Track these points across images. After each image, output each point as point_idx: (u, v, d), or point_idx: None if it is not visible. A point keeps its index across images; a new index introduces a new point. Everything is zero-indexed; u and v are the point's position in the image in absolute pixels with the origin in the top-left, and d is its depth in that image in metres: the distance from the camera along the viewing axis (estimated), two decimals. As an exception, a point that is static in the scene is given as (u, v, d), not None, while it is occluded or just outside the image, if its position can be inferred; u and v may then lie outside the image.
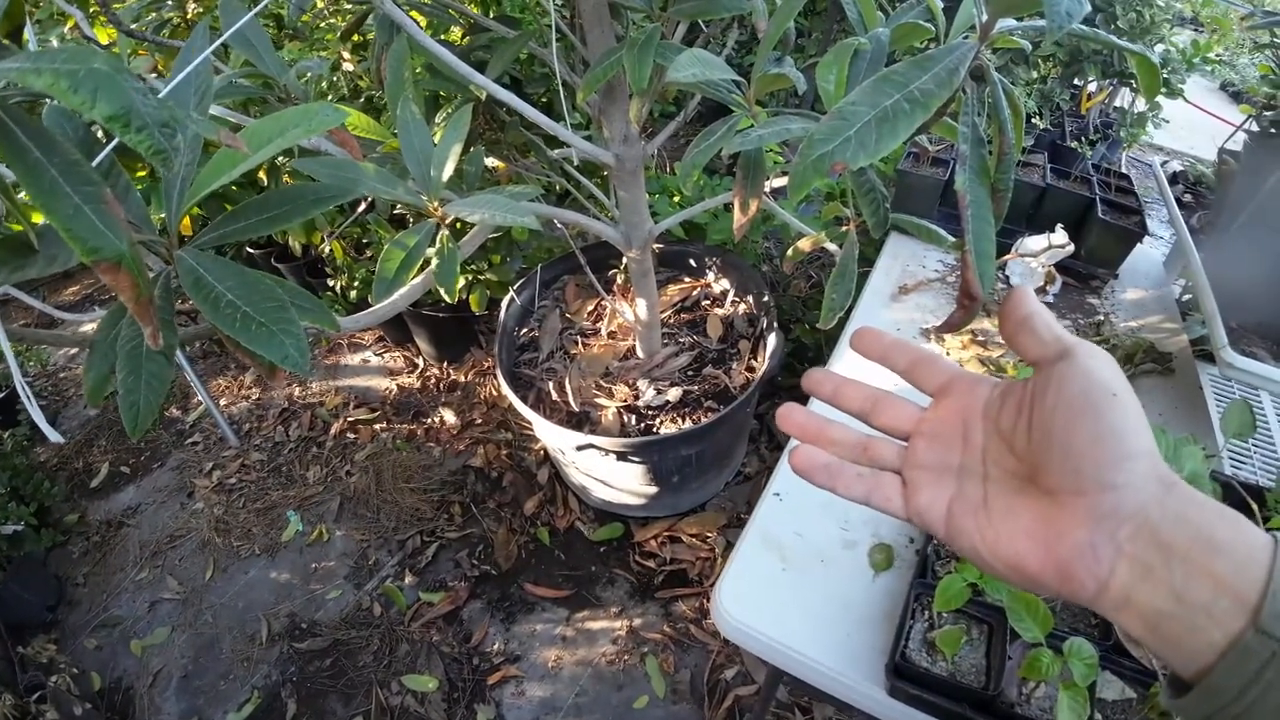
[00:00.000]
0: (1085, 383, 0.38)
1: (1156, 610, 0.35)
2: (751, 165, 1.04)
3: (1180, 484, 0.36)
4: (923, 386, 0.47)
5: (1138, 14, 2.27)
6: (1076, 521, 0.37)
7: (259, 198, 0.75)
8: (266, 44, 1.11)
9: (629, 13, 1.32)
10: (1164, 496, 0.36)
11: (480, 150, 1.24)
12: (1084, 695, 0.74)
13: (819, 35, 2.93)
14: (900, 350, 0.48)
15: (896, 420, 0.47)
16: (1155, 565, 0.35)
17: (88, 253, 0.42)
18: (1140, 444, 0.36)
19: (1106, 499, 0.36)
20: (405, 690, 1.88)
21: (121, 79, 0.36)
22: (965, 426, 0.44)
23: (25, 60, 0.40)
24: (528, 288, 2.20)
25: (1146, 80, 0.82)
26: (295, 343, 0.63)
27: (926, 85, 0.66)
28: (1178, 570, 0.34)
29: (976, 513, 0.42)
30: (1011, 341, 0.43)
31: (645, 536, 2.14)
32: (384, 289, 0.95)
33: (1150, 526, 0.35)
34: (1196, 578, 0.34)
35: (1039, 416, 0.39)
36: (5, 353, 0.77)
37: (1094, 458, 0.36)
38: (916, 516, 0.44)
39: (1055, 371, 0.39)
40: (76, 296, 3.43)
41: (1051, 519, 0.38)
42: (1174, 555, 0.34)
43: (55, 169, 0.44)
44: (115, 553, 2.32)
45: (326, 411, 2.68)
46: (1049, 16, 0.52)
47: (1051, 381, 0.39)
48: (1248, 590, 0.33)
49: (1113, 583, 0.36)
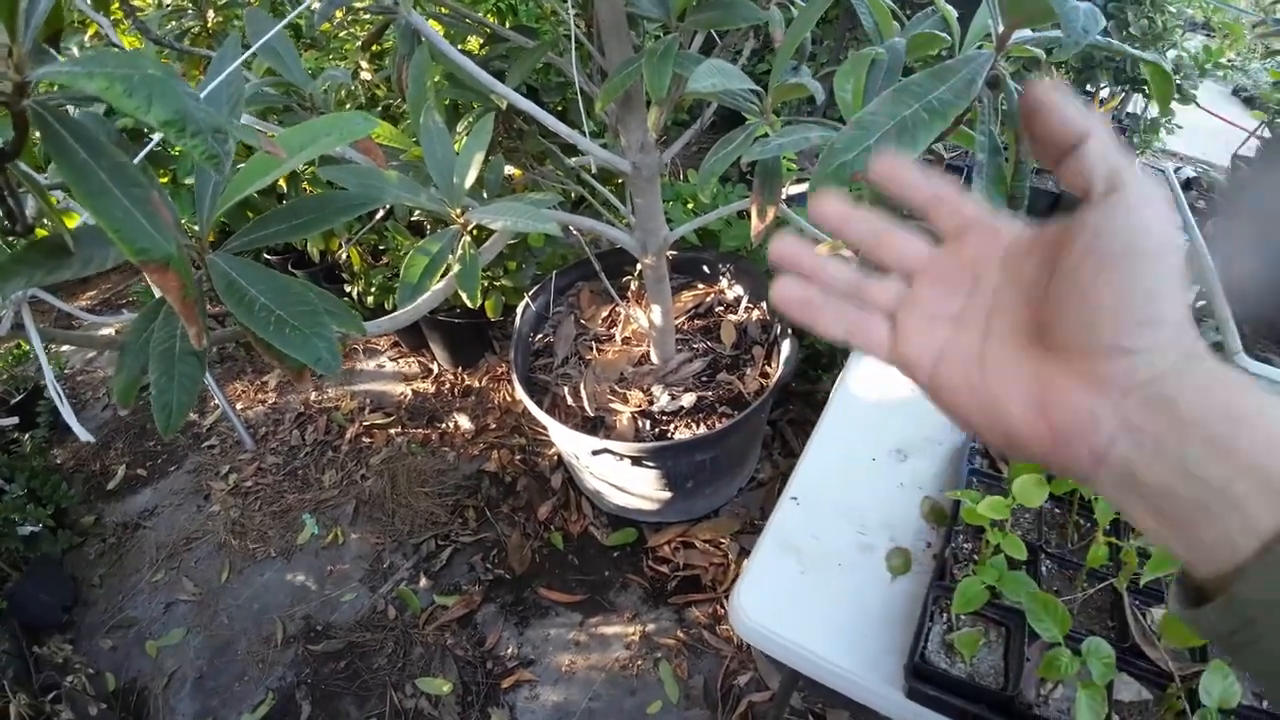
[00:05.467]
0: (1127, 230, 0.32)
1: (1164, 489, 0.31)
2: (769, 173, 1.06)
3: (1207, 358, 0.32)
4: (941, 226, 0.41)
5: (1150, 21, 2.28)
6: (1079, 384, 0.33)
7: (287, 205, 0.76)
8: (293, 54, 1.13)
9: (645, 23, 1.34)
10: (1185, 368, 0.32)
11: (500, 158, 1.26)
12: (1102, 694, 0.74)
13: (831, 44, 2.94)
14: (922, 183, 0.41)
15: (902, 255, 0.42)
16: (1165, 438, 0.31)
17: (137, 253, 0.44)
18: (1170, 311, 0.32)
19: (1118, 363, 0.32)
20: (419, 693, 1.89)
21: (175, 84, 0.38)
22: (977, 272, 0.39)
23: (77, 65, 0.41)
24: (543, 294, 2.22)
25: (1160, 89, 0.83)
26: (327, 345, 0.64)
27: (945, 95, 0.67)
28: (1193, 443, 0.30)
29: (968, 366, 0.38)
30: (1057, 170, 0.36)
31: (659, 542, 2.14)
32: (408, 294, 0.97)
33: (1164, 398, 0.31)
34: (1214, 453, 0.30)
35: (1066, 261, 0.34)
36: (38, 352, 0.79)
37: (1114, 316, 0.32)
38: (900, 361, 0.40)
39: (1098, 209, 0.34)
40: (93, 302, 3.46)
41: (1051, 379, 0.35)
42: (1188, 428, 0.31)
43: (104, 171, 0.45)
44: (131, 554, 2.34)
45: (342, 416, 2.70)
46: (1066, 31, 0.54)
47: (1090, 221, 0.34)
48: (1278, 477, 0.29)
49: (1112, 455, 0.32)
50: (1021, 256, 0.38)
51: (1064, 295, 0.34)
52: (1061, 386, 0.34)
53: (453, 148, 1.04)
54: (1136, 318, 0.32)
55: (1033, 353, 0.36)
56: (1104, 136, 0.34)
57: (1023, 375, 0.36)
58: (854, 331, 0.41)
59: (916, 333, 0.40)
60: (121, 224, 0.44)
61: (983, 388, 0.37)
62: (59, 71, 0.41)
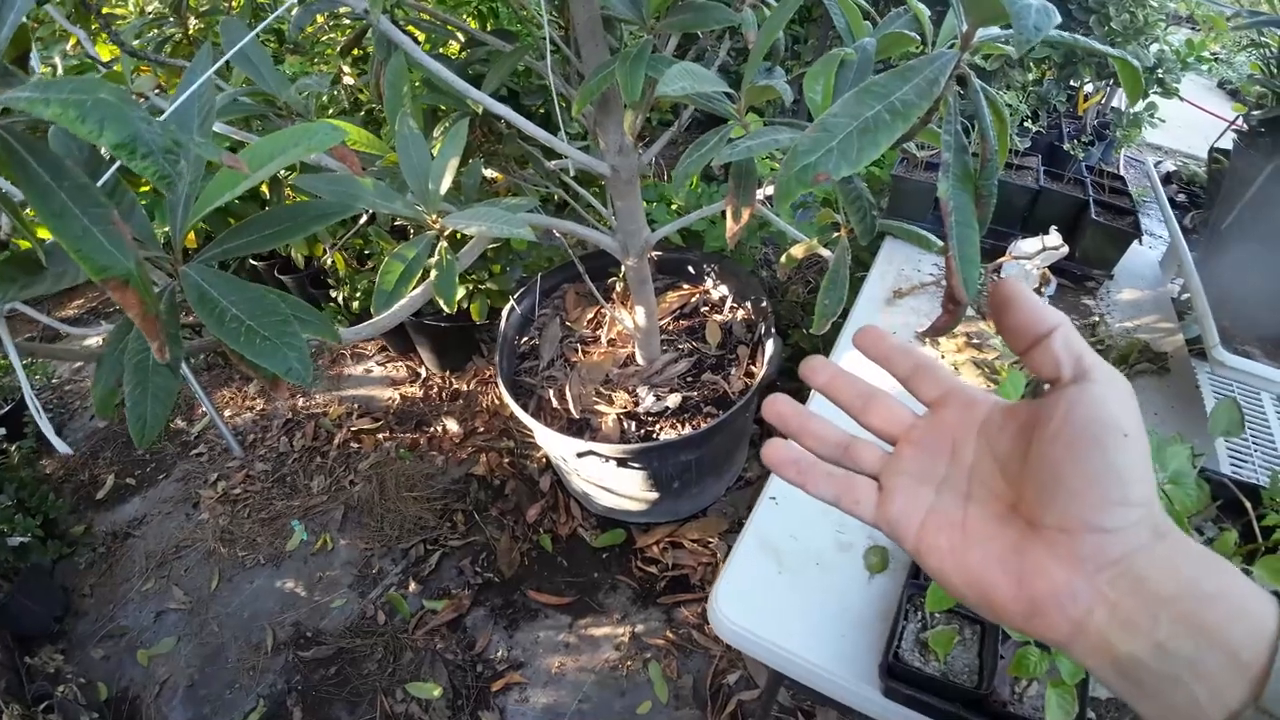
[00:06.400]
0: (1096, 414, 0.35)
1: (1137, 662, 0.33)
2: (743, 174, 1.06)
3: (1176, 534, 0.34)
4: (921, 396, 0.45)
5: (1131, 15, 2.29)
6: (1056, 558, 0.35)
7: (262, 214, 0.77)
8: (267, 62, 1.13)
9: (622, 25, 1.34)
10: (1155, 545, 0.34)
11: (478, 162, 1.26)
12: (1072, 693, 0.75)
13: (815, 42, 2.95)
14: (903, 355, 0.45)
15: (887, 422, 0.45)
16: (1137, 614, 0.33)
17: (97, 271, 0.44)
18: (1140, 492, 0.34)
19: (1091, 541, 0.34)
20: (410, 698, 1.89)
21: (127, 108, 0.38)
22: (956, 442, 0.42)
23: (34, 90, 0.41)
24: (528, 296, 2.22)
25: (1129, 84, 0.83)
26: (298, 355, 0.64)
27: (907, 96, 0.68)
28: (1163, 619, 0.32)
29: (951, 531, 0.40)
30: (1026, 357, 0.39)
31: (647, 542, 2.15)
32: (384, 301, 0.97)
33: (1135, 574, 0.33)
34: (1184, 629, 0.32)
35: (1039, 442, 0.37)
36: (15, 367, 0.79)
37: (1087, 497, 0.34)
38: (886, 524, 0.42)
39: (1067, 395, 0.36)
40: (80, 310, 3.45)
41: (1029, 552, 0.36)
42: (1159, 604, 0.32)
43: (64, 192, 0.46)
44: (121, 563, 2.34)
45: (330, 422, 2.70)
46: (1017, 29, 0.54)
47: (1060, 405, 0.36)
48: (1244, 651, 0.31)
49: (1089, 626, 0.34)
50: (996, 430, 0.41)
51: (1038, 475, 0.37)
52: (1039, 559, 0.36)
53: (428, 153, 1.04)
54: (1108, 499, 0.34)
55: (1011, 524, 0.38)
56: (1067, 329, 0.37)
57: (1002, 545, 0.38)
58: (842, 495, 0.43)
59: (902, 496, 0.42)
60: (81, 242, 0.45)
61: (964, 554, 0.39)
62: (19, 97, 0.41)
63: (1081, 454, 0.35)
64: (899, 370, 0.45)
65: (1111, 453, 0.34)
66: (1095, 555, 0.34)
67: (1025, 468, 0.38)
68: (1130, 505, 0.34)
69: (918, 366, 0.45)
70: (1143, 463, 0.34)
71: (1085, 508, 0.34)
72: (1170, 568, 0.33)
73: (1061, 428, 0.35)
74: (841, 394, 0.46)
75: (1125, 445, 0.34)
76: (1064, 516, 0.35)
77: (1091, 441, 0.34)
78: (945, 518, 0.40)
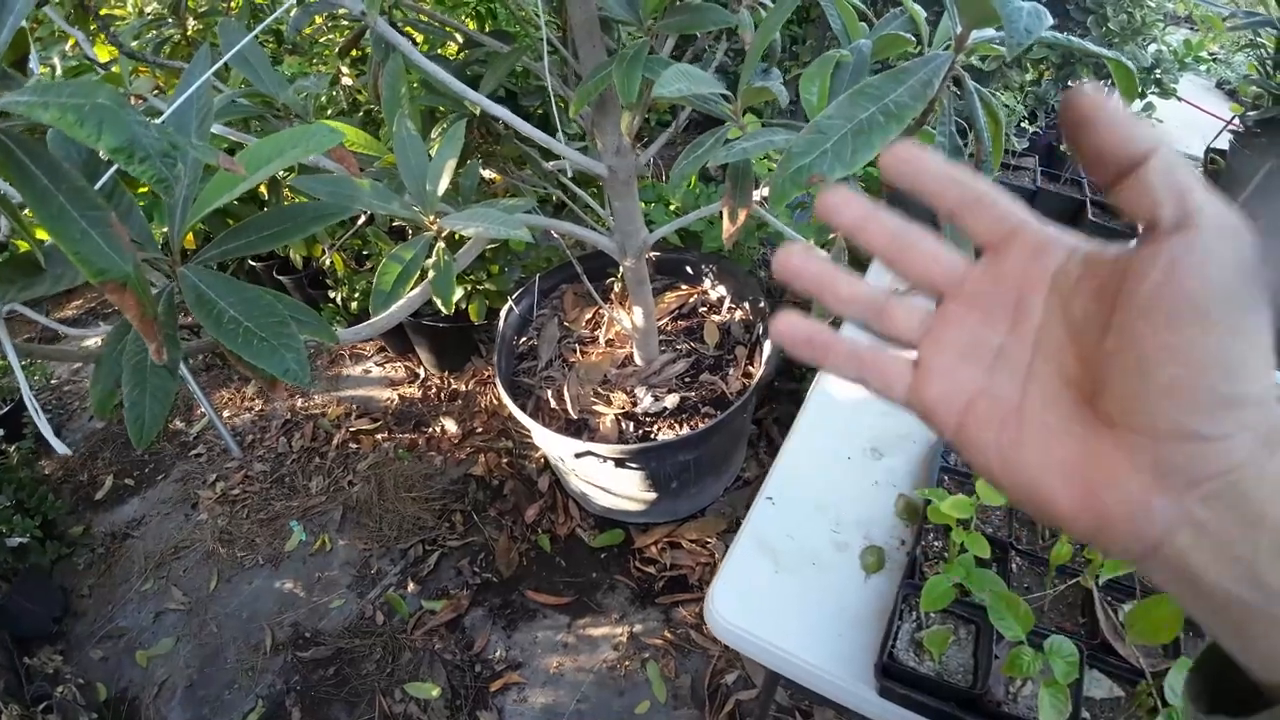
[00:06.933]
0: (1202, 281, 0.26)
1: (1224, 591, 0.26)
2: (740, 175, 1.07)
3: None
4: (978, 239, 0.33)
5: (1129, 15, 2.29)
6: (1135, 468, 0.28)
7: (260, 216, 0.77)
8: (265, 63, 1.13)
9: (620, 26, 1.34)
10: (1267, 459, 0.26)
11: (476, 163, 1.27)
12: (1065, 692, 0.76)
13: (813, 43, 2.95)
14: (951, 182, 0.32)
15: (932, 271, 0.34)
16: (1233, 538, 0.26)
17: (95, 274, 0.45)
18: (1255, 386, 0.26)
19: (1185, 450, 0.26)
20: (408, 698, 1.89)
21: (125, 113, 0.39)
22: (1020, 300, 0.32)
23: (33, 94, 0.42)
24: (526, 297, 2.22)
25: (1124, 84, 0.84)
26: (295, 356, 0.65)
27: (901, 98, 0.68)
28: (1264, 549, 0.25)
29: (1004, 423, 0.31)
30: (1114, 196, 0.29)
31: (645, 543, 2.15)
32: (382, 301, 0.97)
33: (1238, 493, 0.26)
34: None
35: (1124, 312, 0.28)
36: (14, 368, 0.79)
37: (1184, 394, 0.26)
38: (920, 407, 0.34)
39: (1166, 250, 0.26)
40: (79, 311, 3.45)
41: (1101, 456, 0.29)
42: (1262, 531, 0.25)
43: (63, 195, 0.46)
44: (120, 564, 2.34)
45: (328, 422, 2.70)
46: (1008, 32, 0.55)
47: (1156, 264, 0.27)
48: None
49: (1168, 549, 0.27)
50: (1073, 285, 0.31)
51: (1121, 358, 0.28)
52: (1113, 467, 0.28)
53: (426, 154, 1.05)
54: (1212, 397, 0.26)
55: (1081, 417, 0.30)
56: (1169, 155, 0.27)
57: (1067, 445, 0.30)
58: (868, 370, 0.34)
59: (942, 374, 0.33)
60: (79, 245, 0.45)
61: (1017, 453, 0.31)
62: (17, 101, 0.42)
63: (1180, 333, 0.26)
64: (945, 202, 0.33)
65: (1220, 331, 0.25)
66: (1187, 468, 0.26)
67: (1105, 344, 0.29)
68: (1240, 406, 0.26)
69: (974, 198, 0.32)
70: (1262, 344, 0.26)
71: (1180, 407, 0.26)
72: None
73: (1158, 295, 0.26)
74: (875, 238, 0.34)
75: (1240, 321, 0.25)
76: (1151, 416, 0.27)
77: (1194, 317, 0.26)
78: (996, 404, 0.32)
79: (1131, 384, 0.27)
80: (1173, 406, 0.26)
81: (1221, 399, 0.25)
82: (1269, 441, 0.26)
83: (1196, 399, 0.26)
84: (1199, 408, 0.26)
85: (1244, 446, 0.25)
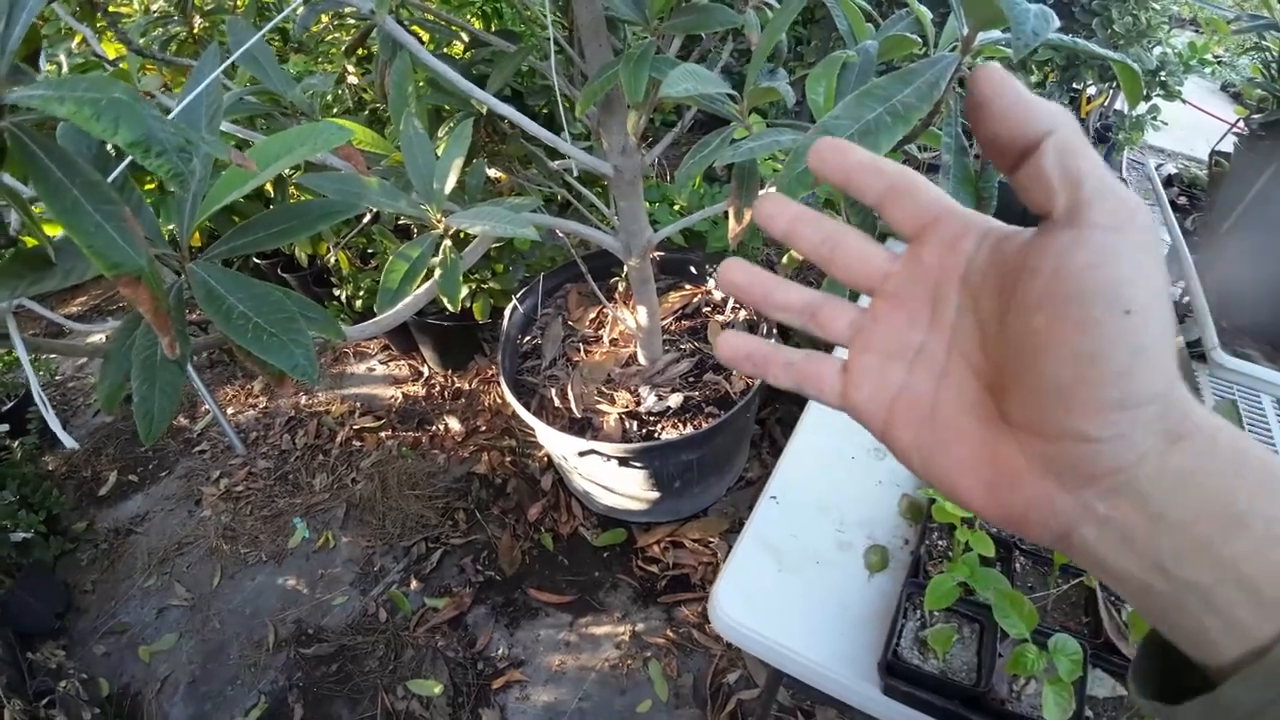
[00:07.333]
0: (1088, 280, 0.25)
1: (1137, 581, 0.26)
2: (745, 175, 1.07)
3: (1197, 435, 0.25)
4: (900, 228, 0.32)
5: (1134, 18, 2.29)
6: (1033, 467, 0.27)
7: (267, 213, 0.77)
8: (273, 61, 1.14)
9: (626, 26, 1.35)
10: (1166, 453, 0.25)
11: (482, 162, 1.27)
12: (1069, 690, 0.76)
13: (819, 43, 2.95)
14: (873, 173, 0.32)
15: (857, 269, 0.34)
16: (1136, 532, 0.26)
17: (109, 267, 0.45)
18: (1150, 385, 0.25)
19: (1076, 450, 0.26)
20: (410, 695, 1.90)
21: (140, 107, 0.39)
22: (937, 294, 0.32)
23: (49, 88, 0.42)
24: (530, 296, 2.23)
25: (1129, 87, 0.84)
26: (304, 352, 0.65)
27: (908, 99, 0.69)
28: (1167, 544, 0.25)
29: (919, 424, 0.31)
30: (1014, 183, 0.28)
31: (648, 542, 2.16)
32: (388, 299, 0.98)
33: (1136, 490, 0.25)
34: (1194, 556, 0.25)
35: (1016, 308, 0.27)
36: (24, 362, 0.80)
37: (1072, 395, 0.25)
38: (851, 411, 0.34)
39: (1056, 243, 0.26)
40: (83, 308, 3.46)
41: (1002, 456, 0.29)
42: (1165, 526, 0.25)
43: (77, 189, 0.46)
44: (123, 560, 2.34)
45: (332, 420, 2.71)
46: (1015, 34, 0.55)
47: (1046, 258, 0.26)
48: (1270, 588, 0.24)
49: (1075, 541, 0.27)
50: (980, 278, 0.30)
51: (1015, 356, 0.28)
52: (1013, 466, 0.28)
53: (433, 153, 1.05)
54: (1100, 400, 0.25)
55: (989, 416, 0.30)
56: (1068, 135, 0.26)
57: (974, 444, 0.30)
58: (804, 378, 0.35)
59: (867, 375, 0.33)
60: (94, 239, 0.45)
61: (930, 452, 0.31)
62: (32, 95, 0.42)
63: (1070, 332, 0.25)
64: (871, 193, 0.32)
65: (1106, 339, 0.24)
66: (1080, 467, 0.26)
67: (1004, 339, 0.28)
68: (1133, 406, 0.25)
69: (892, 187, 0.32)
70: (1156, 346, 0.24)
71: (1068, 409, 0.26)
72: (1184, 483, 0.25)
73: (1049, 289, 0.26)
74: (805, 240, 0.34)
75: (1126, 327, 0.24)
76: (1041, 418, 0.27)
77: (1078, 322, 0.25)
78: (914, 404, 0.32)
79: (1023, 385, 0.27)
80: (1061, 409, 0.26)
81: (1110, 401, 0.25)
82: (1169, 436, 0.25)
83: (1084, 402, 0.25)
84: (1086, 411, 0.25)
85: (1138, 445, 0.25)
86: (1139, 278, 0.24)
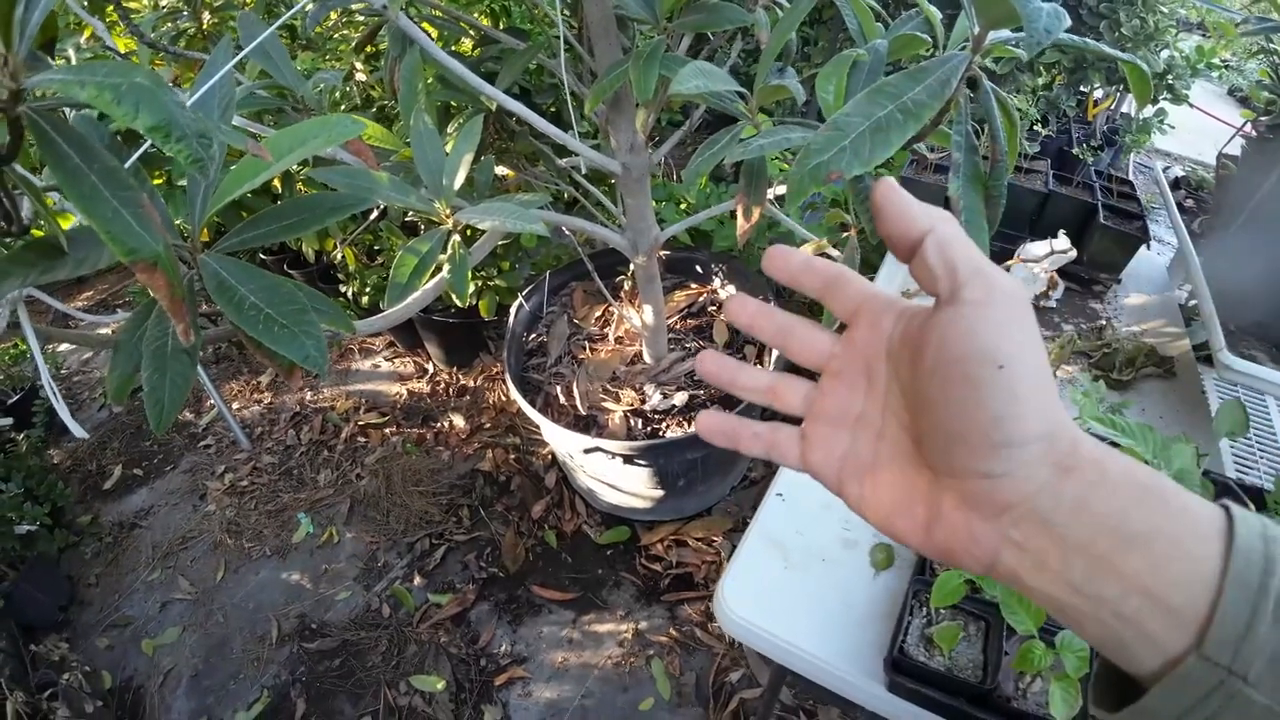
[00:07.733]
0: (966, 346, 0.30)
1: (1056, 599, 0.30)
2: (754, 173, 1.07)
3: (1086, 466, 0.30)
4: (837, 314, 0.39)
5: (1141, 21, 2.29)
6: (954, 502, 0.32)
7: (278, 206, 0.78)
8: (284, 56, 1.14)
9: (635, 24, 1.35)
10: (1059, 483, 0.30)
11: (490, 159, 1.28)
12: (1076, 687, 0.76)
13: (825, 44, 2.96)
14: (809, 273, 0.38)
15: (806, 353, 0.40)
16: (1047, 555, 0.30)
17: (126, 253, 0.45)
18: (1027, 429, 0.30)
19: (979, 486, 0.31)
20: (413, 690, 1.90)
21: (161, 93, 0.39)
22: (870, 368, 0.37)
23: (69, 73, 0.42)
24: (536, 294, 2.23)
25: (1138, 88, 0.84)
26: (315, 343, 0.66)
27: (919, 96, 0.69)
28: (1076, 564, 0.29)
29: (863, 478, 0.37)
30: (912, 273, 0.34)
31: (651, 540, 2.16)
32: (397, 294, 0.98)
33: (1039, 517, 0.30)
34: (1100, 573, 0.29)
35: (918, 376, 0.33)
36: (34, 350, 0.80)
37: (965, 441, 0.31)
38: (811, 473, 0.39)
39: (940, 320, 0.32)
40: (90, 302, 3.47)
41: (928, 496, 0.34)
42: (1068, 547, 0.29)
43: (94, 174, 0.47)
44: (127, 554, 2.35)
45: (337, 416, 2.71)
46: (1028, 32, 0.55)
47: (935, 331, 0.32)
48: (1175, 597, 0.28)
49: (1000, 568, 0.32)
50: (897, 350, 0.36)
51: (925, 411, 0.33)
52: (937, 504, 0.33)
53: (442, 149, 1.05)
54: (987, 443, 0.30)
55: (915, 464, 0.35)
56: (944, 232, 0.32)
57: (906, 489, 0.35)
58: (769, 446, 0.40)
59: (819, 442, 0.38)
60: (112, 225, 0.46)
61: (874, 501, 0.36)
62: (53, 79, 0.43)
63: (954, 391, 0.31)
64: (812, 288, 0.39)
65: (986, 391, 0.29)
66: (988, 500, 0.31)
67: (916, 398, 0.34)
68: (1016, 446, 0.30)
69: (829, 280, 0.38)
70: (1030, 394, 0.30)
71: (965, 453, 0.31)
72: (1081, 507, 0.29)
73: (935, 362, 0.31)
74: (763, 331, 0.41)
75: (1002, 380, 0.29)
76: (948, 461, 0.32)
77: (962, 379, 0.30)
78: (857, 462, 0.37)
79: (933, 434, 0.33)
80: (961, 451, 0.31)
81: (996, 443, 0.30)
82: (1060, 468, 0.30)
83: (976, 444, 0.30)
84: (979, 451, 0.30)
85: (1034, 478, 0.30)
86: (1005, 339, 0.30)
